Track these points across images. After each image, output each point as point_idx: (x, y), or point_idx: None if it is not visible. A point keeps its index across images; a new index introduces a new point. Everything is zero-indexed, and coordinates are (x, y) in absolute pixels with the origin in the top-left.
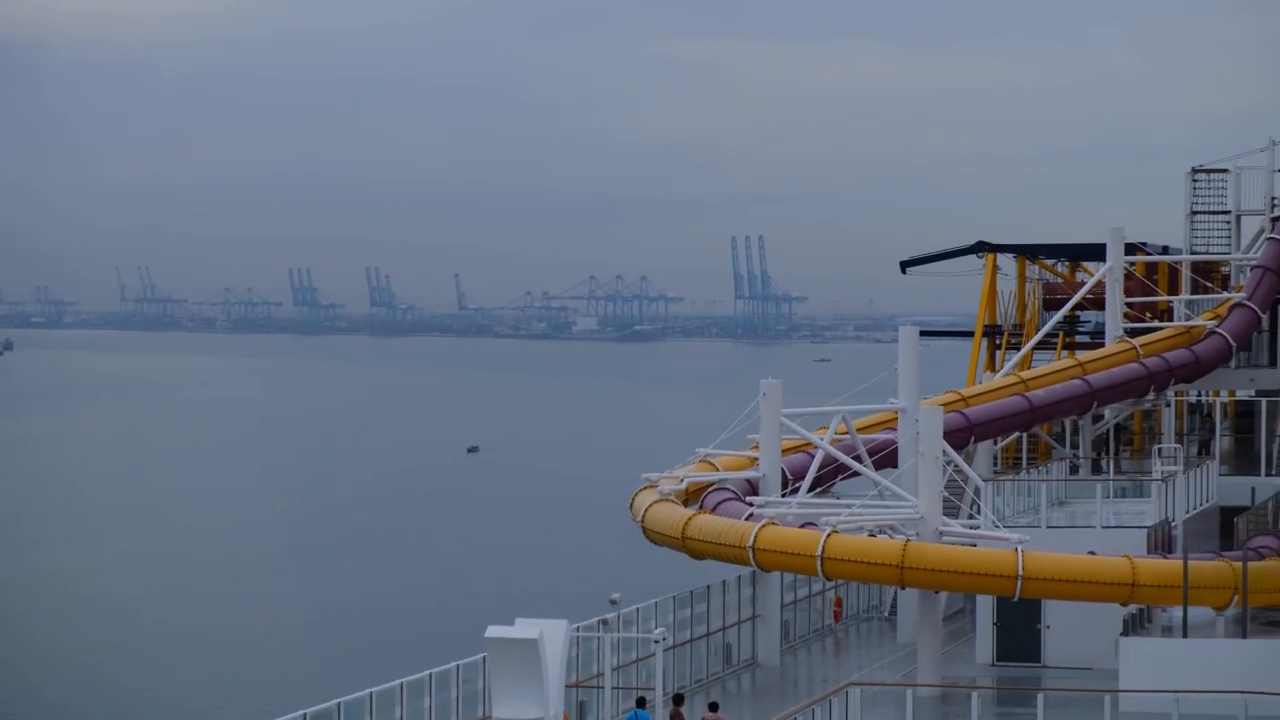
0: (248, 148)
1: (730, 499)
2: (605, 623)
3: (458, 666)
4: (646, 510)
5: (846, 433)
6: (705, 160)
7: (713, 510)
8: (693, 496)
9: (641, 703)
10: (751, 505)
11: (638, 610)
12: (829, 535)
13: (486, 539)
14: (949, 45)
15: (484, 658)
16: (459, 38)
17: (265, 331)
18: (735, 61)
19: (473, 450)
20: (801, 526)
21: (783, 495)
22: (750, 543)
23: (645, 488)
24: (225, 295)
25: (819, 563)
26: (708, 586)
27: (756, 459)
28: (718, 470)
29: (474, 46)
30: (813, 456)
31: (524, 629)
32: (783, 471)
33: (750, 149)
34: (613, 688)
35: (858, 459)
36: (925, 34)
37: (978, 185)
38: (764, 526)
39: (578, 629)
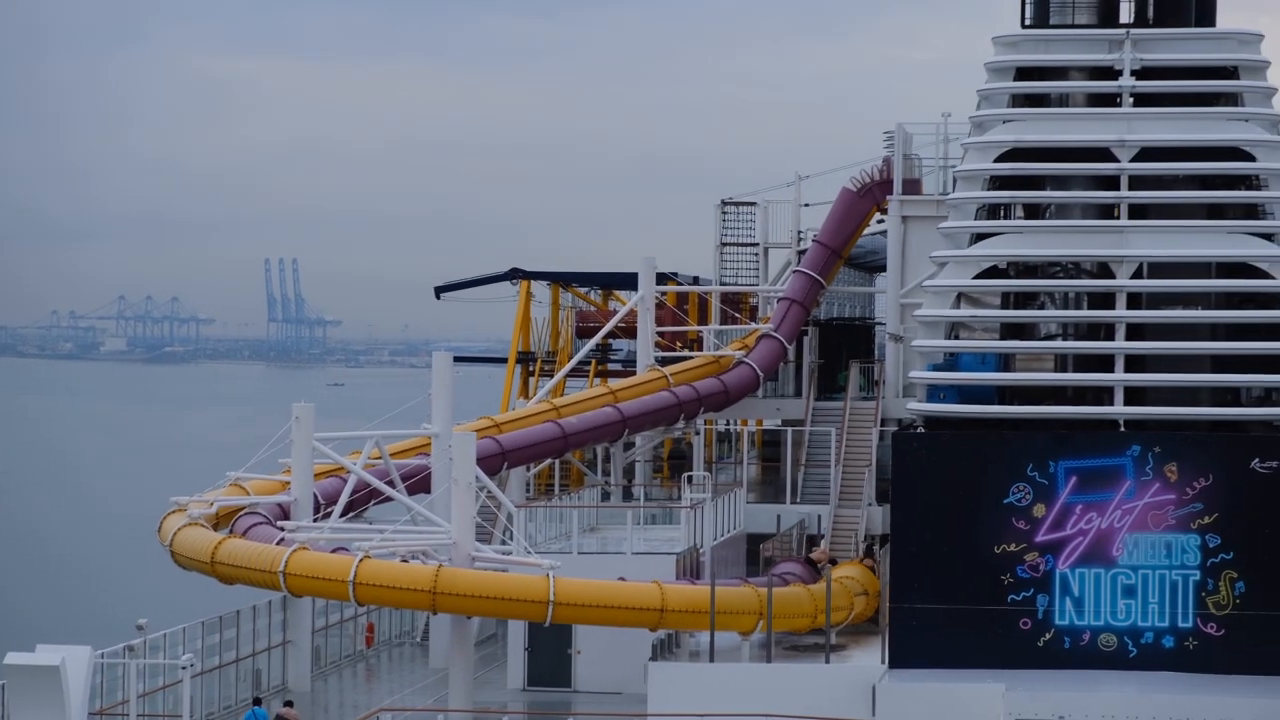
0: None
1: (261, 523)
2: (131, 649)
3: None
4: (175, 534)
5: (380, 457)
6: (240, 180)
7: (243, 534)
8: (223, 520)
9: (258, 701)
10: (283, 530)
11: (165, 636)
12: (361, 560)
13: (4, 563)
14: (491, 70)
15: (2, 685)
16: None
17: None
18: (273, 80)
19: None
20: (334, 551)
21: (315, 520)
22: (281, 568)
23: (174, 511)
24: None
25: (351, 588)
26: (237, 612)
27: (288, 483)
28: (249, 494)
29: None
30: (345, 481)
31: (45, 655)
32: (315, 496)
33: (286, 170)
34: (138, 715)
35: (391, 484)
36: (471, 57)
37: (514, 212)
38: (295, 551)
39: (102, 655)
